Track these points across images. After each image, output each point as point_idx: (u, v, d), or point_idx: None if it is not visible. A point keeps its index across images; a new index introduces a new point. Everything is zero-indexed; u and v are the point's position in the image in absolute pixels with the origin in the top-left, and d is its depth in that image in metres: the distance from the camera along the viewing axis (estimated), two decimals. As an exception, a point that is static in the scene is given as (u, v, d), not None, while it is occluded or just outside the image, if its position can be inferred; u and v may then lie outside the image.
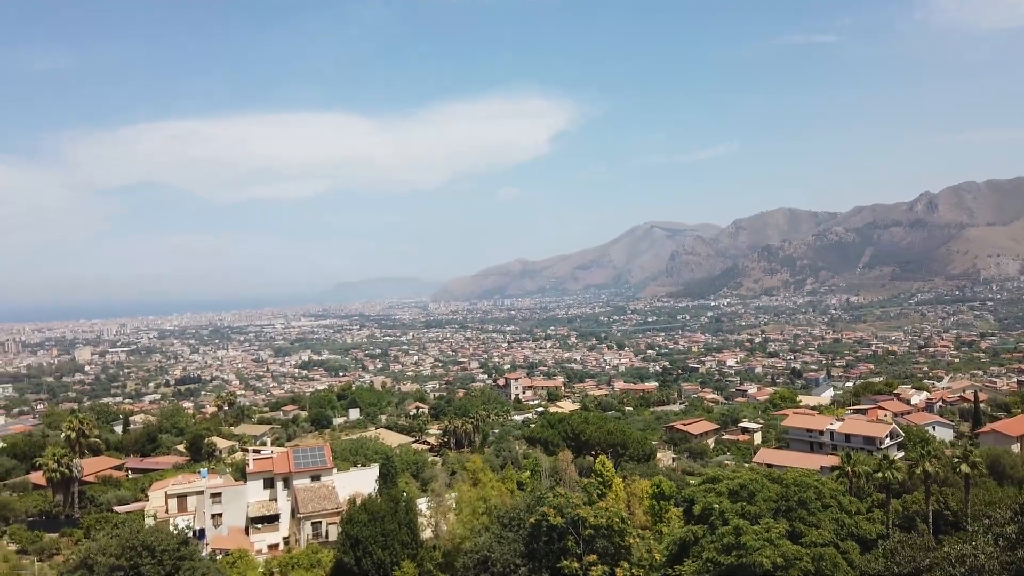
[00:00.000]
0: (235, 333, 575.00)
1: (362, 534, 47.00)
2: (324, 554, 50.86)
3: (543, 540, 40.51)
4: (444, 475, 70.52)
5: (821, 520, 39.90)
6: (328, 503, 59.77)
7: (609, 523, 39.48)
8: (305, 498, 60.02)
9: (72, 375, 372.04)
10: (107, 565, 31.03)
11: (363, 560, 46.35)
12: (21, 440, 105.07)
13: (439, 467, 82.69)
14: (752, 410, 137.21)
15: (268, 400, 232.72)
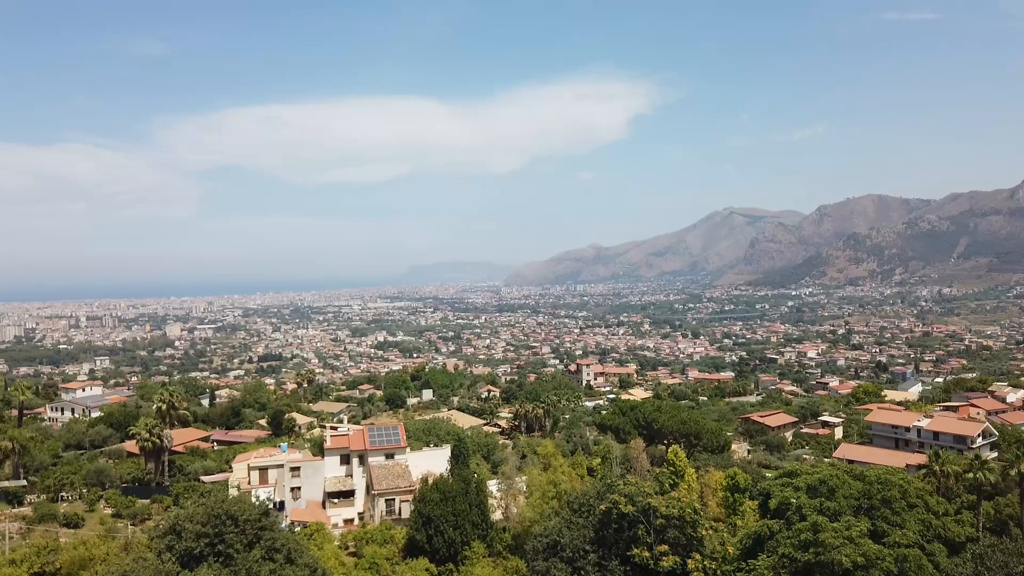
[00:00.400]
0: (315, 313, 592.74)
1: (434, 513, 47.82)
2: (397, 531, 52.00)
3: (613, 528, 40.25)
4: (514, 458, 70.92)
5: (906, 520, 38.21)
6: (401, 481, 61.00)
7: (681, 514, 38.86)
8: (379, 475, 61.44)
9: (163, 350, 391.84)
10: (194, 532, 32.49)
11: (434, 538, 47.19)
12: (116, 410, 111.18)
13: (509, 450, 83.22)
14: (833, 404, 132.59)
15: (345, 379, 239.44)
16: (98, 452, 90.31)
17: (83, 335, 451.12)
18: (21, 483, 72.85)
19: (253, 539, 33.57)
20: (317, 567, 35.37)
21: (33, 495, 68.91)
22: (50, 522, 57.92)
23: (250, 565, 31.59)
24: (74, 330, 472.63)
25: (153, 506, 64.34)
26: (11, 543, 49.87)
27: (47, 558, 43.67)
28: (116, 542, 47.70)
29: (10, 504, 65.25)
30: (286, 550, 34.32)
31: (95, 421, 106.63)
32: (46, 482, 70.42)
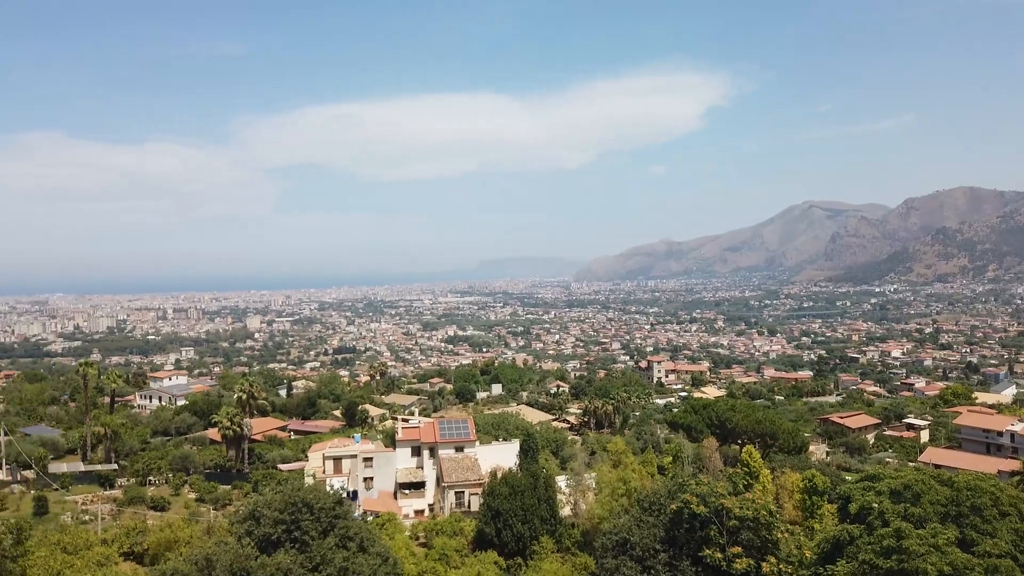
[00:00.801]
0: (387, 307, 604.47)
1: (503, 507, 47.98)
2: (466, 523, 52.43)
3: (684, 527, 39.48)
4: (584, 455, 70.54)
5: (998, 529, 36.03)
6: (471, 474, 61.50)
7: (756, 515, 37.77)
8: (449, 468, 62.10)
9: (244, 341, 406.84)
10: (272, 519, 33.50)
11: (503, 532, 47.36)
12: (200, 399, 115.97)
13: (579, 446, 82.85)
14: (919, 405, 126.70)
15: (416, 372, 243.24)
16: (183, 439, 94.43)
17: (170, 327, 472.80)
18: (112, 467, 76.87)
19: (327, 527, 34.37)
20: (389, 556, 35.94)
21: (123, 478, 72.52)
22: (139, 505, 60.85)
23: (324, 552, 32.35)
24: (162, 322, 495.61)
25: (233, 492, 66.77)
26: (103, 523, 52.61)
27: (136, 539, 45.87)
28: (199, 526, 49.69)
29: (102, 486, 68.87)
30: (359, 539, 35.01)
31: (180, 409, 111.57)
32: (135, 466, 74.02)
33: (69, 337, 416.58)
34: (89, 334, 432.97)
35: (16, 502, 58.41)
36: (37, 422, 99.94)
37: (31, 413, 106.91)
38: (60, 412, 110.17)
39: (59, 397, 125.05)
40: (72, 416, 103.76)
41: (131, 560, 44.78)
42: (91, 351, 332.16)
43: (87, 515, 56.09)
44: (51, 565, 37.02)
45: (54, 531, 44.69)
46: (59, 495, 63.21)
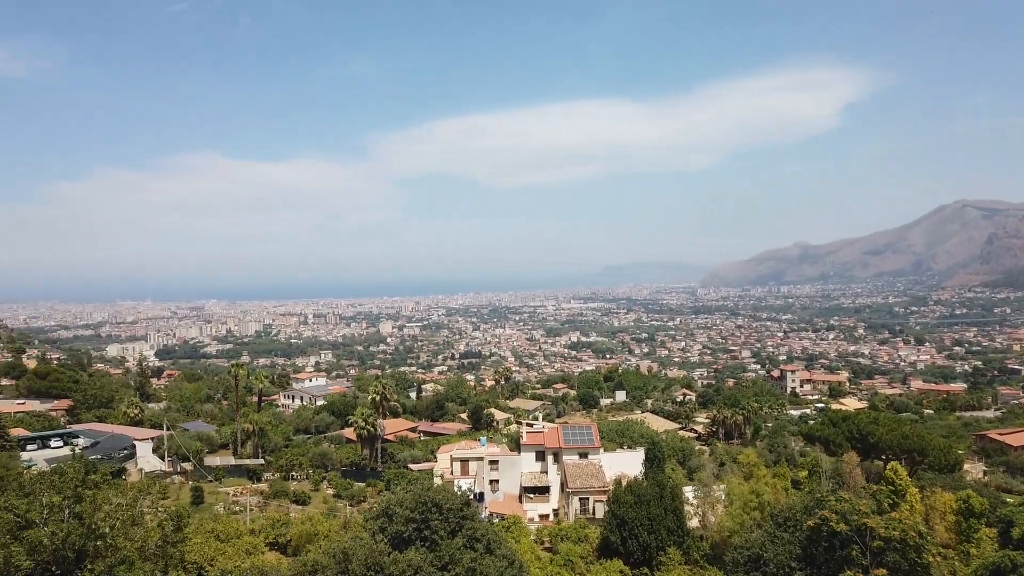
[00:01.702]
0: (511, 313, 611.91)
1: (628, 515, 47.30)
2: (591, 530, 52.09)
3: (823, 546, 37.33)
4: (712, 465, 68.35)
5: None
6: (595, 481, 61.07)
7: (904, 536, 35.14)
8: (573, 473, 61.96)
9: (377, 345, 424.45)
10: (403, 517, 34.67)
11: (629, 541, 46.67)
12: (337, 399, 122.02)
13: (707, 457, 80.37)
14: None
15: (540, 377, 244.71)
16: (322, 437, 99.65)
17: (310, 331, 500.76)
18: (259, 461, 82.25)
19: (455, 527, 35.14)
20: (515, 559, 36.26)
21: (269, 473, 77.37)
22: (282, 498, 64.69)
23: (453, 552, 33.07)
24: (303, 326, 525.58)
25: (368, 489, 69.67)
26: (251, 514, 56.33)
27: (280, 531, 48.78)
28: (337, 520, 52.17)
29: (251, 480, 73.77)
30: (486, 540, 35.54)
31: (319, 409, 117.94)
32: (279, 462, 78.80)
33: (222, 340, 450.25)
34: (240, 337, 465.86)
35: (176, 492, 63.55)
36: (195, 418, 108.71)
37: (189, 410, 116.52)
38: (214, 409, 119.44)
39: (213, 395, 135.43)
40: (224, 413, 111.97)
41: (275, 550, 47.60)
42: (241, 353, 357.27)
43: (237, 506, 60.23)
44: (206, 551, 40.06)
45: (208, 520, 48.28)
46: (213, 486, 68.29)
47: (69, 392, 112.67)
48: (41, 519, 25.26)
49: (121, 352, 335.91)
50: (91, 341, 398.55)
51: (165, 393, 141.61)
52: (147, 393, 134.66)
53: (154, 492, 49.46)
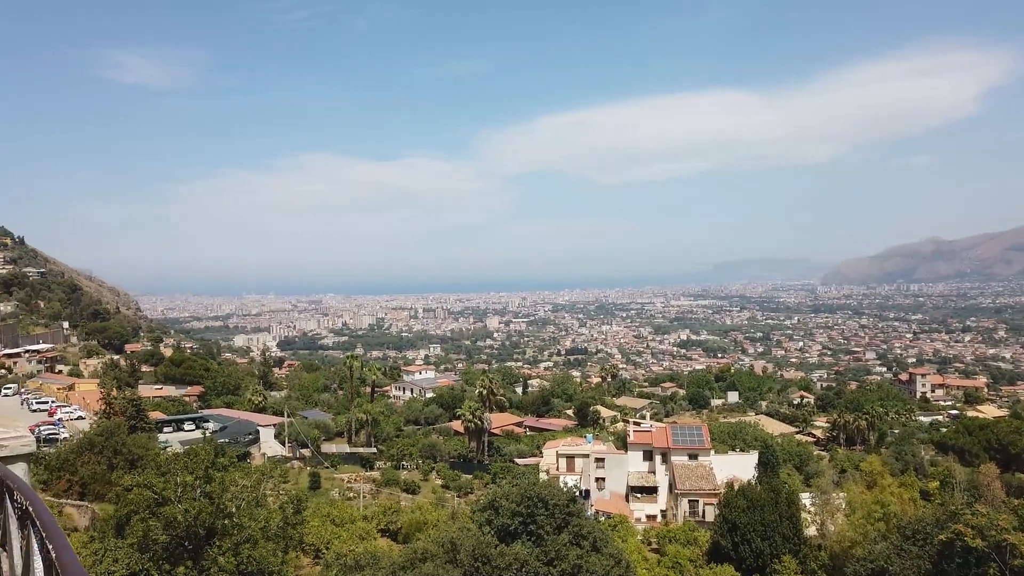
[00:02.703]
0: (618, 309, 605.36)
1: (740, 520, 45.62)
2: (700, 533, 50.61)
3: (956, 562, 34.59)
4: (832, 472, 65.04)
5: None
6: (705, 483, 59.33)
7: (1052, 558, 32.01)
8: (682, 475, 60.43)
9: (484, 340, 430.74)
10: (509, 510, 34.87)
11: (741, 546, 44.99)
12: (446, 393, 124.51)
13: (825, 463, 76.56)
14: None
15: (647, 375, 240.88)
16: (431, 428, 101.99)
17: (420, 325, 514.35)
18: (372, 450, 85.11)
19: (562, 523, 34.96)
20: (621, 559, 35.69)
21: (381, 461, 79.92)
22: (393, 486, 66.65)
23: (559, 548, 32.91)
24: (413, 320, 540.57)
25: (474, 481, 70.67)
26: (364, 501, 58.33)
27: (391, 518, 50.23)
28: (445, 511, 53.19)
29: (364, 467, 76.45)
30: (592, 538, 35.16)
31: (429, 401, 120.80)
32: (391, 451, 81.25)
33: (338, 332, 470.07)
34: (354, 330, 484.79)
35: (296, 476, 66.71)
36: (312, 407, 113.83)
37: (308, 399, 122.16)
38: (331, 399, 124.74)
39: (330, 385, 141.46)
40: (340, 403, 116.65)
41: (387, 537, 49.05)
42: (355, 345, 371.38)
43: (351, 492, 62.55)
44: (322, 534, 41.75)
45: (325, 504, 50.34)
46: (329, 473, 71.23)
47: (201, 379, 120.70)
48: (176, 497, 26.94)
49: (247, 343, 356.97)
50: (220, 332, 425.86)
51: (286, 382, 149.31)
52: (270, 382, 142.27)
53: (276, 476, 52.19)
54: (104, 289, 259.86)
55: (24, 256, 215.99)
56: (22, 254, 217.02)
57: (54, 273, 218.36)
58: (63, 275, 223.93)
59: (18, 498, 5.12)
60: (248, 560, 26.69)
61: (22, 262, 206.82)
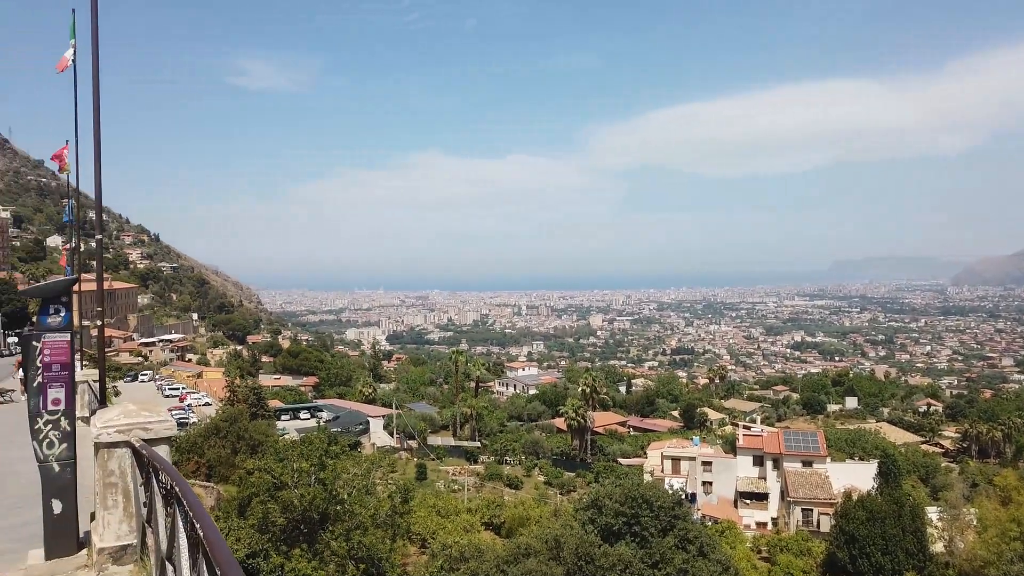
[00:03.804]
0: (727, 309, 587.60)
1: (859, 532, 43.25)
2: (814, 543, 48.37)
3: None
4: (962, 486, 60.54)
5: None
6: (820, 492, 56.66)
7: None
8: (796, 482, 57.96)
9: (587, 338, 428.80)
10: (613, 510, 34.51)
11: (859, 560, 42.66)
12: (548, 390, 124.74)
13: (955, 475, 71.34)
14: None
15: (758, 378, 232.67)
16: (533, 425, 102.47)
17: (523, 321, 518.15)
18: (476, 444, 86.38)
19: (667, 526, 34.27)
20: (730, 566, 34.63)
21: (484, 455, 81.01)
22: (496, 481, 67.38)
23: (664, 551, 32.28)
24: (516, 317, 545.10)
25: (577, 479, 70.43)
26: (468, 494, 59.29)
27: (495, 512, 50.77)
28: (547, 507, 53.27)
29: (468, 461, 77.74)
30: (699, 542, 34.28)
31: (532, 398, 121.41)
32: (494, 446, 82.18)
33: (443, 328, 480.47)
34: (459, 326, 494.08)
35: (403, 466, 68.55)
36: (419, 400, 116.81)
37: (415, 392, 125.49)
38: (436, 392, 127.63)
39: (435, 379, 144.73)
40: (445, 397, 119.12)
41: (490, 530, 49.65)
42: (460, 341, 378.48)
43: (456, 484, 63.74)
44: (428, 525, 42.70)
45: (431, 495, 51.50)
46: (434, 464, 72.88)
47: (315, 370, 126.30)
48: (292, 482, 28.19)
49: (357, 336, 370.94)
50: (333, 325, 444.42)
51: (394, 375, 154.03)
52: (379, 374, 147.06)
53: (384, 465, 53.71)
54: (229, 283, 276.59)
55: (159, 252, 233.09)
56: (157, 250, 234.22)
57: (185, 268, 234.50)
58: (193, 270, 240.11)
59: (163, 478, 5.42)
60: (358, 546, 27.59)
61: (157, 257, 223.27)
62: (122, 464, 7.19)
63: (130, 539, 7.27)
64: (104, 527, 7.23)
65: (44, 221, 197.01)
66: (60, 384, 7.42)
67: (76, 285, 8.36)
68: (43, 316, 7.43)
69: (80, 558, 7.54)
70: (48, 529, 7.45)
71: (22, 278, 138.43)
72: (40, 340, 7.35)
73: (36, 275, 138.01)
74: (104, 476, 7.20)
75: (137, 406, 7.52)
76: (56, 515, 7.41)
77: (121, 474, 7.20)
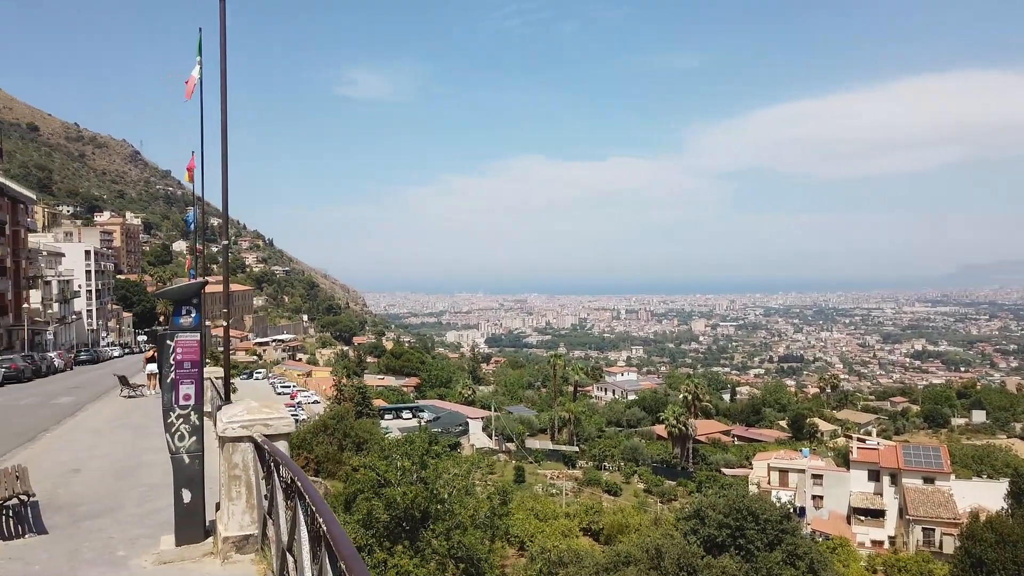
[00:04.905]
0: (840, 315, 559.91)
1: (987, 556, 40.14)
2: (936, 566, 45.36)
3: None
4: (1109, 511, 55.13)
5: None
6: (943, 511, 53.06)
7: None
8: (915, 500, 54.52)
9: (688, 343, 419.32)
10: (716, 521, 33.51)
11: (988, 587, 39.67)
12: (648, 395, 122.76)
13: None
14: None
15: (873, 388, 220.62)
16: (632, 431, 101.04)
17: (622, 326, 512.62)
18: (574, 449, 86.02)
19: (774, 540, 32.97)
20: (842, 586, 32.96)
21: (583, 460, 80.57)
22: (595, 486, 66.85)
23: (771, 566, 31.07)
24: (615, 321, 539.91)
25: (678, 488, 68.89)
26: (566, 498, 59.10)
27: (593, 517, 50.37)
28: (647, 515, 52.40)
29: (566, 465, 77.50)
30: (808, 559, 32.79)
31: (630, 403, 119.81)
32: (592, 451, 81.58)
33: (541, 331, 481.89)
34: (557, 329, 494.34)
35: (501, 468, 69.14)
36: (517, 403, 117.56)
37: (513, 394, 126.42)
38: (534, 396, 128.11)
39: (533, 383, 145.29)
40: (543, 400, 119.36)
41: (588, 536, 49.32)
42: (558, 345, 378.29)
43: (554, 488, 63.67)
44: (526, 527, 42.84)
45: (529, 498, 51.68)
46: (532, 467, 73.10)
47: (417, 371, 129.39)
48: (396, 480, 28.96)
49: (457, 338, 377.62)
50: (434, 328, 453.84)
51: (492, 377, 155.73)
52: (478, 376, 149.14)
53: (483, 466, 54.41)
54: (336, 286, 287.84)
55: (273, 256, 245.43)
56: (271, 254, 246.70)
57: (296, 271, 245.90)
58: (303, 273, 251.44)
59: (284, 472, 5.64)
60: (458, 545, 27.98)
61: (271, 261, 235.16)
62: (245, 458, 7.58)
63: (252, 529, 7.65)
64: (229, 517, 7.64)
65: (170, 227, 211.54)
66: (191, 381, 7.91)
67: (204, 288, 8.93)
68: (176, 317, 7.95)
69: (206, 545, 7.99)
70: (179, 517, 7.94)
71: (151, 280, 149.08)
72: (173, 339, 7.87)
73: (163, 278, 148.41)
74: (229, 469, 7.61)
75: (258, 403, 7.91)
76: (186, 504, 7.89)
77: (244, 467, 7.59)
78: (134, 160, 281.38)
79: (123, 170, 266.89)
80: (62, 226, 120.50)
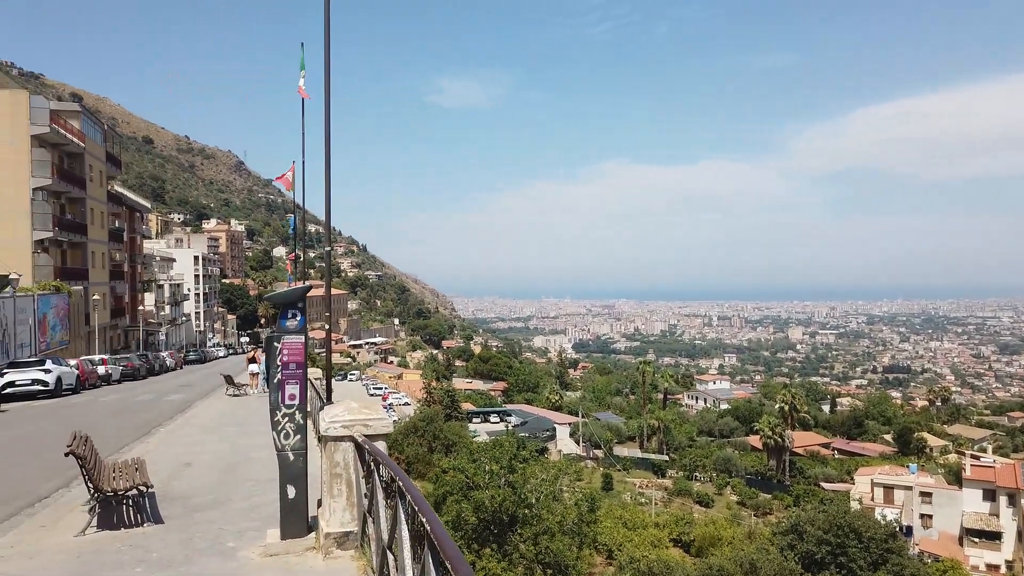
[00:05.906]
0: (951, 324, 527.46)
1: (1122, 589, 36.94)
2: (1062, 597, 42.04)
3: None
4: None
5: None
6: (1069, 537, 49.18)
7: None
8: (1036, 523, 50.75)
9: (784, 352, 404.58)
10: (815, 537, 32.21)
11: (1122, 622, 36.43)
12: (742, 405, 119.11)
13: None
14: None
15: (989, 402, 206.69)
16: (725, 441, 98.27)
17: (714, 333, 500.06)
18: (664, 458, 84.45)
19: (879, 559, 31.41)
20: (953, 612, 31.02)
21: (672, 470, 78.98)
22: (685, 497, 65.37)
23: (874, 587, 29.63)
24: (707, 328, 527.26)
25: (774, 502, 66.51)
26: (655, 508, 58.08)
27: (683, 528, 49.31)
28: (741, 528, 50.83)
29: (655, 474, 76.18)
30: (915, 582, 31.08)
31: (723, 413, 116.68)
32: (683, 461, 79.86)
33: (630, 337, 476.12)
34: (646, 336, 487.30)
35: (589, 475, 68.67)
36: (604, 409, 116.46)
37: (600, 401, 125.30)
38: (622, 402, 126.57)
39: (621, 389, 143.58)
40: (631, 407, 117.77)
41: (678, 547, 48.31)
42: (647, 351, 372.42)
43: (642, 498, 62.70)
44: (614, 536, 42.39)
45: (617, 507, 51.12)
46: (621, 475, 72.20)
47: (504, 376, 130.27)
48: (484, 483, 29.24)
49: (544, 343, 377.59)
50: (521, 332, 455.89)
51: (580, 383, 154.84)
52: (565, 382, 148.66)
53: (571, 473, 54.25)
54: (426, 291, 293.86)
55: (366, 261, 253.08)
56: (365, 260, 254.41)
57: (388, 276, 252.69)
58: (395, 278, 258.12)
59: (383, 471, 5.79)
60: (546, 551, 27.97)
61: (364, 266, 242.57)
62: (346, 457, 7.83)
63: (352, 526, 7.89)
64: (330, 513, 7.91)
65: (271, 233, 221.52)
66: (296, 381, 8.25)
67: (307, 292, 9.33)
68: (283, 320, 8.30)
69: (309, 540, 8.30)
70: (284, 512, 8.28)
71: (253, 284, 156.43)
72: (280, 341, 8.23)
73: (264, 282, 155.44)
74: (331, 467, 7.88)
75: (358, 404, 8.16)
76: (290, 500, 8.22)
77: (345, 466, 7.85)
78: (238, 170, 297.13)
79: (228, 179, 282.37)
80: (173, 233, 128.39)
